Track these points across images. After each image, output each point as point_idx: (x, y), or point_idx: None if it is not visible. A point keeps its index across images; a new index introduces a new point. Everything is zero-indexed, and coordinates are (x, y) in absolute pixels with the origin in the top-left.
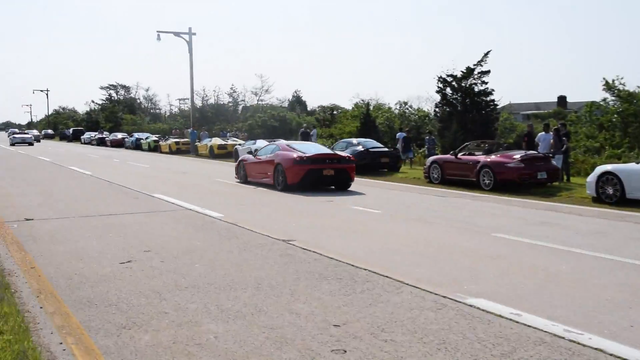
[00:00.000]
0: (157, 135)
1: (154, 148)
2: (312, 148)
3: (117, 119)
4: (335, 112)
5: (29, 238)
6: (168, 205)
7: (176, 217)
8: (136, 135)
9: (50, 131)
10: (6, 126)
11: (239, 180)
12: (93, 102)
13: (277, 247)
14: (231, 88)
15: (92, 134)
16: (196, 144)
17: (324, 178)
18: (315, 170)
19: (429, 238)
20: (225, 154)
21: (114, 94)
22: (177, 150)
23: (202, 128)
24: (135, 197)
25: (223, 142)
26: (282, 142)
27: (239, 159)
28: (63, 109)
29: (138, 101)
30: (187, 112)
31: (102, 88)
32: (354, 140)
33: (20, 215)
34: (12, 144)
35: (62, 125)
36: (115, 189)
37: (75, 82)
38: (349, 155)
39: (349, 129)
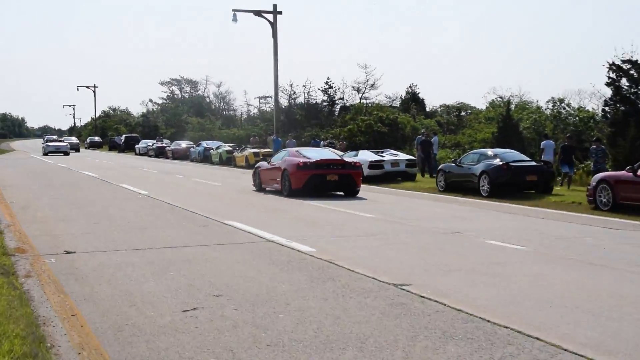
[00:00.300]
0: (230, 145)
1: (227, 161)
2: (320, 154)
3: (181, 123)
4: (463, 114)
5: (70, 276)
6: (245, 235)
7: (255, 250)
8: (204, 144)
9: (97, 138)
10: (43, 132)
11: (255, 189)
12: (151, 101)
13: (387, 294)
14: (326, 83)
15: (149, 142)
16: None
17: (327, 183)
18: (319, 175)
19: (594, 287)
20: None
21: (176, 91)
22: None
23: (288, 135)
24: (203, 224)
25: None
26: (293, 148)
27: (255, 166)
28: (113, 110)
29: (207, 100)
30: (269, 114)
31: (162, 84)
32: (489, 151)
33: (60, 246)
34: (45, 154)
35: (112, 132)
36: (177, 214)
37: (128, 77)
38: (355, 161)
39: (483, 135)
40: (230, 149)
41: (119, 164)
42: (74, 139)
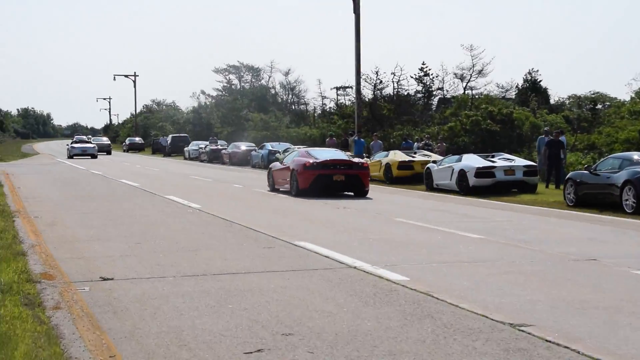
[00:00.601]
0: (302, 147)
1: None
2: (328, 154)
3: (240, 120)
4: (599, 107)
5: (107, 309)
6: (320, 259)
7: (333, 279)
8: (269, 146)
9: (137, 139)
10: (73, 131)
11: (269, 189)
12: (203, 93)
13: (501, 336)
14: (421, 69)
15: (202, 144)
16: (366, 159)
17: (334, 184)
18: (325, 175)
19: None
20: (410, 176)
21: (234, 81)
22: None
23: (373, 135)
24: (267, 245)
25: (407, 158)
26: (303, 148)
27: (270, 166)
28: (157, 104)
29: (272, 92)
30: (349, 109)
31: (216, 72)
32: (635, 156)
33: (94, 271)
34: (70, 157)
35: (156, 131)
36: (237, 233)
37: (175, 65)
38: (363, 161)
39: (626, 134)
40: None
41: (165, 170)
42: (105, 139)
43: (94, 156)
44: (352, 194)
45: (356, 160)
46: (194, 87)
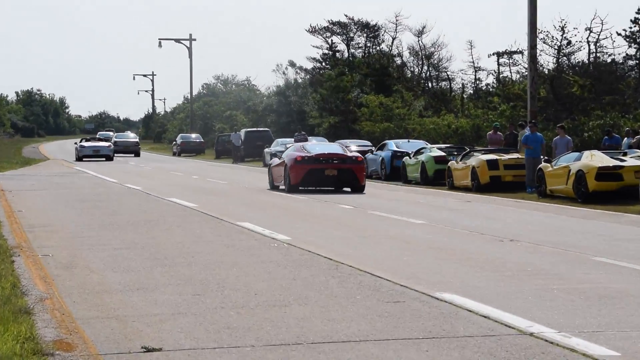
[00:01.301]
0: (442, 147)
1: (436, 176)
2: (323, 148)
3: (348, 106)
4: None
5: None
6: (476, 322)
7: (497, 353)
8: (393, 145)
9: (194, 137)
10: (98, 125)
11: (269, 187)
12: (292, 65)
13: None
14: (635, 20)
15: (287, 141)
16: (544, 164)
17: (326, 178)
18: (317, 170)
19: None
20: (616, 190)
21: (340, 46)
22: (499, 182)
23: (557, 127)
24: (393, 297)
25: (612, 162)
26: (300, 142)
27: (269, 163)
28: (223, 82)
29: (398, 61)
30: (518, 86)
31: (312, 32)
32: None
33: (134, 338)
34: (79, 158)
35: (221, 123)
36: (345, 279)
37: (250, 25)
38: (357, 154)
39: None
40: (443, 154)
41: (237, 184)
42: (132, 136)
43: (109, 158)
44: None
45: (350, 154)
46: (279, 57)
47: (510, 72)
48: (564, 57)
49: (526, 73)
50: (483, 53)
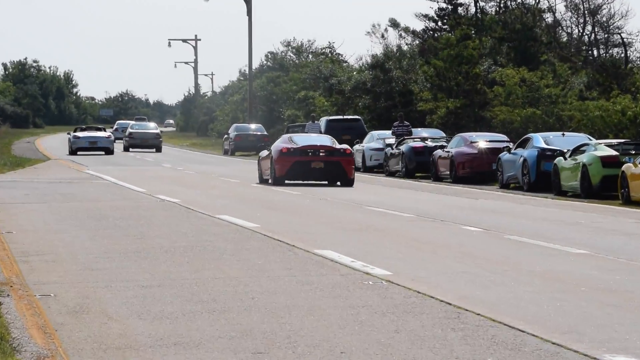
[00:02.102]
0: (616, 142)
1: (604, 185)
2: (310, 139)
3: (474, 84)
4: None
5: None
6: None
7: None
8: (540, 141)
9: (253, 128)
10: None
11: (258, 182)
12: (393, 26)
13: None
14: None
15: (389, 135)
16: None
17: (312, 171)
18: (303, 162)
19: None
20: None
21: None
22: None
23: None
24: None
25: None
26: (287, 134)
27: (259, 154)
28: (296, 51)
29: (548, 20)
30: None
31: None
32: None
33: None
34: (73, 152)
35: (291, 109)
36: (474, 333)
37: None
38: (345, 147)
39: None
40: (615, 153)
41: (317, 194)
42: (152, 126)
43: (108, 151)
44: None
45: (339, 146)
46: (376, 14)
47: None
48: None
49: None
50: None
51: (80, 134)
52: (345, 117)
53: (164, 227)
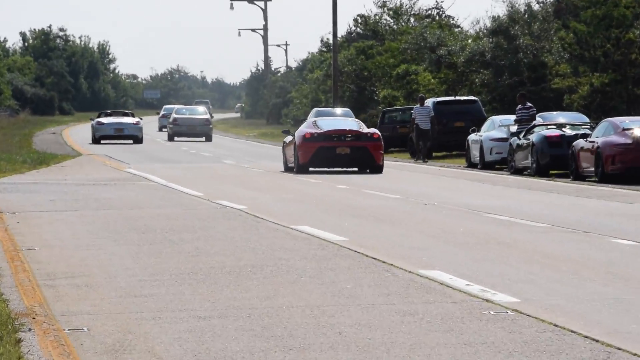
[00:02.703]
0: None
1: None
2: (335, 123)
3: (628, 53)
4: None
5: None
6: None
7: None
8: None
9: (341, 112)
10: (169, 90)
11: (283, 170)
12: None
13: None
14: None
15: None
16: None
17: (337, 157)
18: (327, 148)
19: None
20: None
21: None
22: None
23: None
24: None
25: None
26: (313, 118)
27: (284, 140)
28: (393, 13)
29: None
30: None
31: None
32: None
33: None
34: (97, 140)
35: (387, 89)
36: None
37: None
38: (373, 131)
39: None
40: None
41: (420, 196)
42: (201, 110)
43: (137, 140)
44: None
45: (366, 130)
46: None
47: None
48: None
49: None
50: None
51: (104, 119)
52: (457, 98)
53: (226, 242)
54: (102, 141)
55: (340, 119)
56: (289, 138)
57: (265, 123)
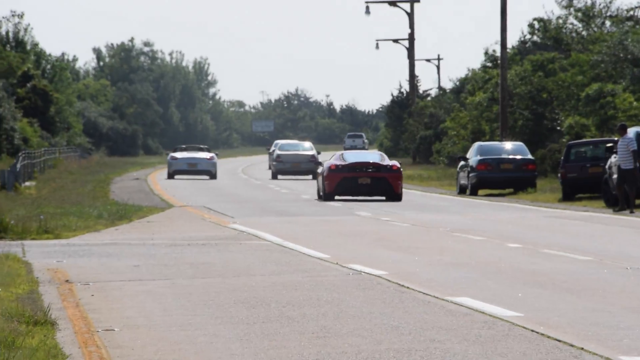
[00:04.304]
0: None
1: None
2: (359, 156)
3: None
4: None
5: None
6: None
7: None
8: None
9: (512, 148)
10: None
11: (316, 198)
12: None
13: None
14: None
15: None
16: None
17: (359, 187)
18: (350, 178)
19: None
20: None
21: None
22: None
23: None
24: None
25: None
26: (339, 151)
27: (317, 171)
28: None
29: None
30: None
31: None
32: None
33: None
34: (170, 175)
35: (575, 116)
36: None
37: None
38: (393, 163)
39: None
40: None
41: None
42: (306, 146)
43: (211, 175)
44: None
45: (386, 162)
46: None
47: None
48: None
49: None
50: None
51: (178, 154)
52: None
53: (361, 319)
54: (175, 176)
55: (365, 152)
56: (319, 169)
57: (411, 162)
